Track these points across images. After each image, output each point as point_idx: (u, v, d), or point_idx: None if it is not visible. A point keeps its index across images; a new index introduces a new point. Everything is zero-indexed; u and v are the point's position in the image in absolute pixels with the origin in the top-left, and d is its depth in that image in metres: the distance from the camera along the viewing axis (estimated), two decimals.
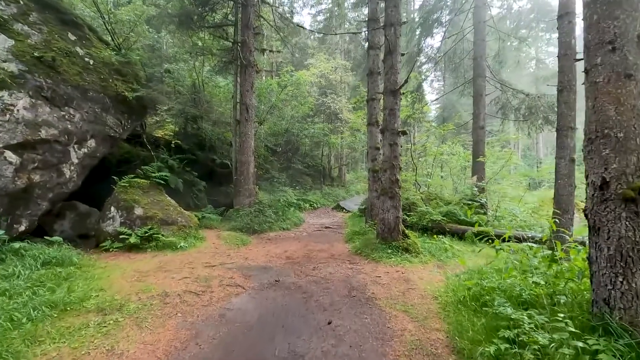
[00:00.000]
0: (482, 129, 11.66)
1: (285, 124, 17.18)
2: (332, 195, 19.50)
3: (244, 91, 10.78)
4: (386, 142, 6.73)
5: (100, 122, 6.98)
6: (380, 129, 6.86)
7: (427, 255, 6.28)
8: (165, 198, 7.50)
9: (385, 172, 6.69)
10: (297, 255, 6.61)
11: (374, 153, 8.55)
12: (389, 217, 6.58)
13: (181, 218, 7.32)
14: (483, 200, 10.67)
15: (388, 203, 6.61)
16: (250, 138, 10.83)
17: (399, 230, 6.58)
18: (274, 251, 6.95)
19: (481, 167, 11.59)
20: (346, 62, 22.39)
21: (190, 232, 7.26)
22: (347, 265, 5.89)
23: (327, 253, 6.82)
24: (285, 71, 16.40)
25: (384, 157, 6.74)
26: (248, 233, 9.09)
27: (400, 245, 6.37)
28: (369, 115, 8.65)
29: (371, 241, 6.86)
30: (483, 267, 5.10)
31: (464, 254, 6.90)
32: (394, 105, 6.72)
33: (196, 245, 6.88)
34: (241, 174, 10.62)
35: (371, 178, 8.56)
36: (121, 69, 7.96)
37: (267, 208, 10.42)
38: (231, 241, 7.58)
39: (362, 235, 7.97)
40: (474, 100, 11.98)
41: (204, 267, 5.23)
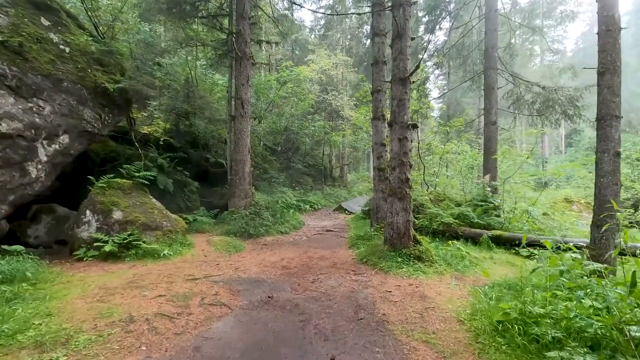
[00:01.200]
0: (494, 125, 10.90)
1: (284, 121, 16.45)
2: (333, 196, 18.76)
3: (239, 85, 10.06)
4: (395, 136, 5.98)
5: (75, 116, 6.27)
6: (388, 122, 6.13)
7: (442, 264, 5.53)
8: (150, 200, 6.78)
9: (394, 170, 5.95)
10: (295, 264, 5.88)
11: (379, 150, 7.81)
12: (398, 220, 5.83)
13: (167, 222, 6.60)
14: (497, 201, 9.91)
15: (397, 205, 5.87)
16: (246, 135, 10.11)
17: (409, 235, 5.83)
18: (269, 259, 6.21)
19: (493, 166, 10.83)
20: (348, 58, 21.67)
21: (177, 237, 6.54)
22: (352, 276, 5.14)
23: (329, 261, 6.07)
24: (284, 66, 15.69)
25: (393, 153, 6.00)
26: (243, 238, 8.37)
27: (412, 252, 5.62)
28: (374, 108, 7.91)
29: (378, 248, 6.12)
30: (514, 281, 4.35)
31: (482, 262, 6.15)
32: (404, 95, 5.98)
33: (182, 252, 6.16)
34: (236, 174, 9.90)
35: (377, 177, 7.81)
36: (102, 58, 7.25)
37: (264, 210, 9.69)
38: (222, 247, 6.85)
39: (368, 241, 7.23)
40: (484, 93, 11.22)
41: (185, 280, 4.49)
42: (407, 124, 5.96)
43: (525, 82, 10.88)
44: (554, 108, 9.98)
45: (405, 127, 5.96)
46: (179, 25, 10.72)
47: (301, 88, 16.06)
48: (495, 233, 7.72)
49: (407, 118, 5.99)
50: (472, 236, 7.93)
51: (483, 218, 8.89)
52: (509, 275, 5.43)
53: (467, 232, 8.04)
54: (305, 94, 15.62)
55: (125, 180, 6.65)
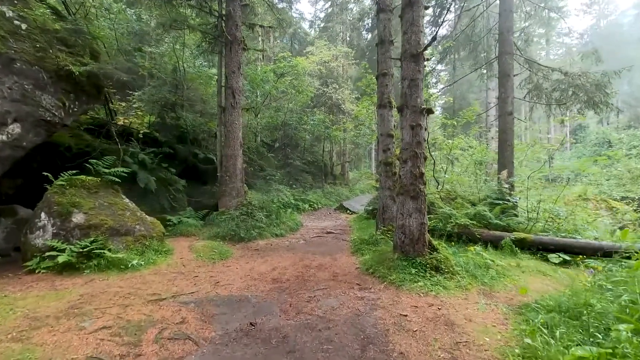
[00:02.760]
0: (510, 115, 9.91)
1: (282, 116, 15.51)
2: (334, 194, 17.82)
3: (230, 72, 9.12)
4: (406, 123, 5.03)
5: (30, 102, 5.34)
6: (398, 107, 5.18)
7: (464, 276, 4.59)
8: (121, 201, 5.86)
9: (405, 163, 5.00)
10: (289, 275, 4.95)
11: (386, 142, 6.86)
12: (410, 223, 4.89)
13: (140, 226, 5.68)
14: (516, 198, 8.95)
15: (409, 205, 4.93)
16: (238, 128, 9.17)
17: (424, 241, 4.89)
18: (258, 269, 5.28)
19: (510, 160, 9.86)
20: (348, 49, 20.65)
21: (152, 244, 5.62)
22: (356, 292, 4.22)
23: (329, 272, 5.14)
24: (281, 57, 14.73)
25: (403, 143, 5.05)
26: (232, 242, 7.45)
27: (428, 262, 4.68)
28: (380, 94, 6.95)
29: (386, 255, 5.18)
30: (562, 300, 3.41)
31: (509, 271, 5.21)
32: (416, 74, 5.03)
33: (156, 262, 5.23)
34: (227, 171, 8.98)
35: (383, 173, 6.87)
36: (67, 38, 6.32)
37: (257, 210, 8.76)
38: (206, 254, 5.93)
39: (374, 246, 6.30)
40: (499, 81, 10.22)
41: (146, 302, 3.57)
42: (420, 109, 5.01)
43: (545, 68, 9.89)
44: (578, 95, 8.99)
45: (419, 112, 5.01)
46: (165, 9, 9.78)
47: (299, 80, 15.09)
48: (518, 236, 6.77)
49: (420, 101, 5.04)
50: (491, 239, 6.98)
51: (501, 218, 7.94)
52: (547, 289, 4.50)
53: (485, 235, 7.09)
54: (303, 87, 14.65)
55: (92, 178, 5.73)
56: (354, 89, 19.99)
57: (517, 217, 8.47)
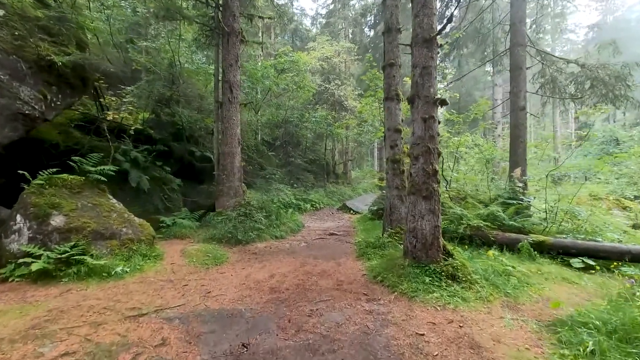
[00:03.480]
0: (522, 110, 9.40)
1: (283, 113, 15.04)
2: (336, 194, 17.34)
3: (227, 65, 8.66)
4: (417, 115, 4.55)
5: (7, 94, 4.90)
6: (409, 98, 4.70)
7: (484, 285, 4.11)
8: (107, 201, 5.41)
9: (417, 159, 4.52)
10: (288, 284, 4.48)
11: (393, 137, 6.37)
12: (423, 226, 4.42)
13: (127, 229, 5.23)
14: (530, 198, 8.45)
15: (422, 206, 4.45)
16: (235, 124, 8.72)
17: (438, 246, 4.41)
18: (255, 276, 4.82)
19: (522, 158, 9.35)
20: (351, 45, 20.11)
21: (139, 248, 5.17)
22: (364, 304, 3.75)
23: (333, 279, 4.67)
24: (281, 51, 14.25)
25: (414, 137, 4.57)
26: (229, 244, 7.01)
27: (443, 269, 4.20)
28: (386, 86, 6.46)
29: (396, 261, 4.70)
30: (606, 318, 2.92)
31: (530, 278, 4.72)
32: (429, 61, 4.54)
33: (143, 268, 4.78)
34: (224, 169, 8.52)
35: (390, 171, 6.38)
36: (50, 26, 5.89)
37: (256, 211, 8.30)
38: (199, 259, 5.47)
39: (381, 250, 5.82)
40: (511, 75, 9.71)
41: (124, 318, 3.11)
42: (434, 99, 4.53)
43: (560, 60, 9.36)
44: (596, 88, 8.47)
45: (432, 103, 4.52)
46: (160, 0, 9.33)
47: (300, 77, 14.59)
48: (536, 238, 6.27)
49: (433, 91, 4.55)
50: (506, 242, 6.49)
51: (516, 219, 7.44)
52: (576, 300, 4.02)
53: (500, 237, 6.60)
54: (305, 83, 14.15)
55: (75, 177, 5.28)
56: (356, 86, 19.50)
57: (531, 218, 7.98)
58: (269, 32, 25.80)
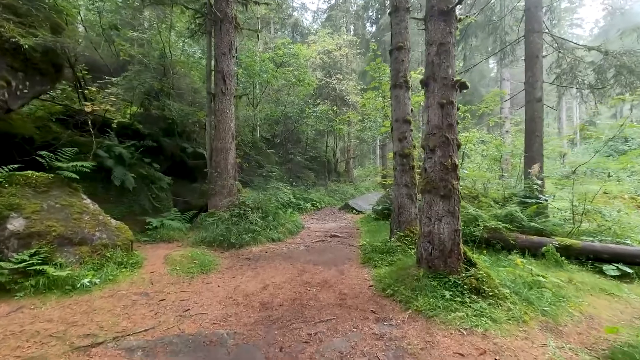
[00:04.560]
0: (539, 102, 8.70)
1: (282, 108, 14.38)
2: (338, 192, 16.68)
3: (220, 54, 8.01)
4: (434, 100, 3.89)
5: None
6: (423, 81, 4.04)
7: (515, 301, 3.45)
8: (79, 202, 4.78)
9: (433, 152, 3.86)
10: (283, 297, 3.84)
11: (402, 129, 5.70)
12: (441, 230, 3.76)
13: (101, 233, 4.60)
14: (549, 197, 7.78)
15: (439, 206, 3.79)
16: (229, 117, 8.08)
17: (459, 253, 3.76)
18: (245, 287, 4.19)
19: (539, 153, 8.65)
20: (353, 38, 19.40)
21: (115, 255, 4.54)
22: (373, 325, 3.10)
23: (335, 292, 4.03)
24: (280, 43, 13.57)
25: (430, 126, 3.91)
26: (221, 248, 6.39)
27: (465, 282, 3.55)
28: (394, 72, 5.79)
29: (408, 271, 4.05)
30: None
31: (563, 289, 4.06)
32: (447, 37, 3.88)
33: (117, 279, 4.16)
34: (217, 166, 7.89)
35: (398, 167, 5.72)
36: (17, 5, 5.25)
37: (251, 211, 7.67)
38: (184, 267, 4.84)
39: (388, 255, 5.16)
40: (526, 64, 9.01)
41: (70, 350, 2.48)
42: (452, 81, 3.87)
43: (579, 47, 8.66)
44: (622, 76, 7.76)
45: (451, 86, 3.86)
46: None
47: (300, 71, 13.90)
48: (563, 242, 5.61)
49: (452, 72, 3.89)
50: (528, 246, 5.83)
51: (536, 220, 6.77)
52: (622, 318, 3.37)
53: (521, 241, 5.93)
54: (304, 73, 13.46)
55: (42, 174, 4.65)
56: (359, 81, 18.80)
57: (549, 218, 7.31)
58: (268, 27, 25.13)
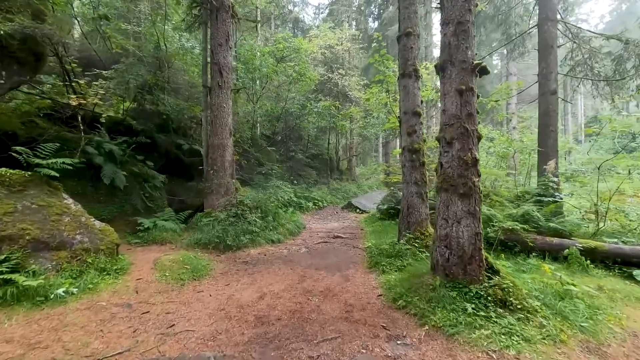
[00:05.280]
0: (554, 95, 8.23)
1: (282, 103, 13.93)
2: (341, 191, 16.23)
3: (216, 45, 7.58)
4: (451, 87, 3.45)
5: None
6: (438, 65, 3.60)
7: (547, 315, 3.01)
8: (59, 202, 4.37)
9: (450, 145, 3.42)
10: (281, 308, 3.42)
11: (411, 122, 5.25)
12: (460, 233, 3.32)
13: (83, 236, 4.19)
14: (566, 195, 7.33)
15: (457, 206, 3.35)
16: (226, 112, 7.65)
17: (480, 259, 3.32)
18: (240, 297, 3.77)
19: (554, 149, 8.19)
20: (356, 32, 18.89)
21: (96, 260, 4.13)
22: (384, 345, 2.67)
23: (340, 303, 3.60)
24: (280, 37, 13.12)
25: (447, 116, 3.47)
26: (217, 251, 5.99)
27: (489, 292, 3.11)
28: (402, 61, 5.33)
29: (422, 278, 3.61)
30: None
31: (596, 299, 3.61)
32: (466, 15, 3.43)
33: (97, 287, 3.75)
34: (213, 164, 7.47)
35: (407, 163, 5.27)
36: None
37: (249, 211, 7.25)
38: (174, 273, 4.42)
39: (397, 259, 4.73)
40: (539, 54, 8.54)
41: None
42: (472, 65, 3.42)
43: (597, 36, 8.17)
44: None
45: (470, 71, 3.41)
46: None
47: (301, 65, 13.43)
48: (587, 244, 5.16)
49: (471, 55, 3.44)
50: (548, 249, 5.39)
51: (552, 220, 6.32)
52: None
53: (540, 243, 5.49)
54: (306, 70, 13.00)
55: (18, 172, 4.25)
56: (362, 76, 18.32)
57: (566, 218, 6.86)
58: (269, 23, 24.66)
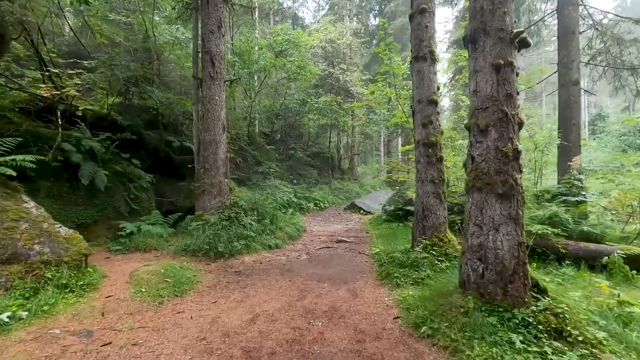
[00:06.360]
0: (575, 85, 7.56)
1: (281, 99, 13.27)
2: (343, 191, 15.57)
3: (207, 32, 6.94)
4: (484, 62, 2.78)
5: None
6: (467, 35, 2.94)
7: (617, 350, 2.34)
8: (17, 206, 3.72)
9: (485, 133, 2.76)
10: (276, 337, 2.76)
11: (427, 111, 4.58)
12: (498, 243, 2.66)
13: (43, 246, 3.55)
14: (594, 195, 6.66)
15: (495, 210, 2.69)
16: (219, 105, 7.01)
17: (525, 276, 2.65)
18: (225, 321, 3.11)
19: (576, 144, 7.52)
20: (358, 25, 18.21)
21: (58, 275, 3.48)
22: None
23: (348, 328, 2.94)
24: (280, 29, 12.47)
25: (480, 98, 2.81)
26: (207, 259, 5.34)
27: (539, 318, 2.45)
28: (416, 41, 4.66)
29: (450, 298, 2.94)
30: None
31: None
32: None
33: (55, 309, 3.10)
34: (205, 162, 6.83)
35: (422, 159, 4.60)
36: None
37: (245, 213, 6.61)
38: (152, 288, 3.77)
39: (413, 270, 4.06)
40: (559, 42, 7.86)
41: None
42: (511, 34, 2.76)
43: (623, 20, 7.50)
44: None
45: (509, 42, 2.75)
46: None
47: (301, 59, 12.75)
48: (630, 251, 4.49)
49: (510, 23, 2.78)
50: (583, 255, 4.72)
51: (581, 223, 5.66)
52: None
53: (573, 249, 4.82)
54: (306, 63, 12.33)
55: None
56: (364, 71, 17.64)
57: (593, 220, 6.21)
58: (268, 19, 24.01)
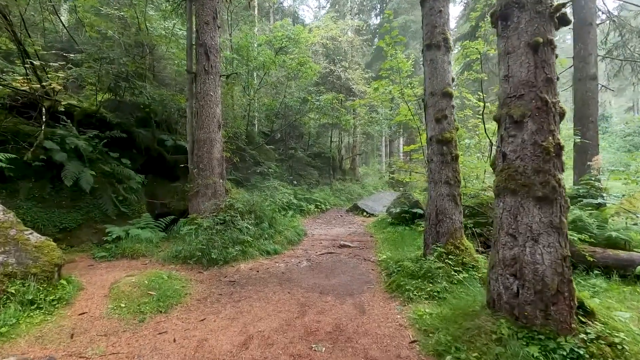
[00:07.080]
0: (593, 80, 7.12)
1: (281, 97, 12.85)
2: (344, 192, 15.13)
3: (202, 24, 6.52)
4: (519, 40, 2.35)
5: None
6: (496, 12, 2.50)
7: None
8: None
9: (520, 125, 2.32)
10: None
11: (441, 105, 4.14)
12: (537, 257, 2.22)
13: (7, 256, 3.12)
14: (617, 196, 6.20)
15: (533, 217, 2.25)
16: (214, 102, 6.59)
17: (571, 297, 2.21)
18: (214, 344, 2.67)
19: (594, 143, 7.07)
20: (360, 22, 17.78)
21: (23, 289, 3.04)
22: None
23: (356, 355, 2.49)
24: (279, 25, 12.05)
25: (513, 84, 2.37)
26: (199, 266, 4.91)
27: (590, 349, 2.00)
28: (429, 28, 4.22)
29: (477, 321, 2.50)
30: None
31: None
32: None
33: (15, 330, 2.66)
34: (199, 161, 6.40)
35: (436, 157, 4.16)
36: None
37: (241, 217, 6.16)
38: (133, 303, 3.33)
39: (427, 282, 3.61)
40: (575, 34, 7.43)
41: None
42: (551, 8, 2.32)
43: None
44: None
45: (549, 17, 2.32)
46: None
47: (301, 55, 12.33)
48: None
49: None
50: (612, 264, 4.28)
51: (605, 228, 5.22)
52: None
53: (601, 257, 4.38)
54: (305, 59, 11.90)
55: None
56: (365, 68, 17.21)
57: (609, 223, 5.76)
58: (267, 17, 23.61)
